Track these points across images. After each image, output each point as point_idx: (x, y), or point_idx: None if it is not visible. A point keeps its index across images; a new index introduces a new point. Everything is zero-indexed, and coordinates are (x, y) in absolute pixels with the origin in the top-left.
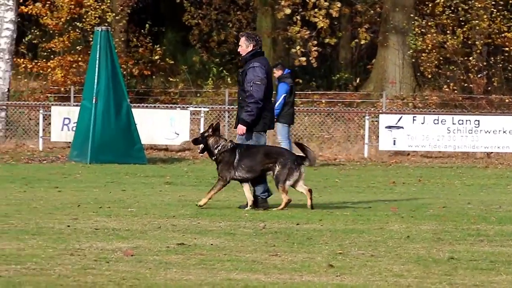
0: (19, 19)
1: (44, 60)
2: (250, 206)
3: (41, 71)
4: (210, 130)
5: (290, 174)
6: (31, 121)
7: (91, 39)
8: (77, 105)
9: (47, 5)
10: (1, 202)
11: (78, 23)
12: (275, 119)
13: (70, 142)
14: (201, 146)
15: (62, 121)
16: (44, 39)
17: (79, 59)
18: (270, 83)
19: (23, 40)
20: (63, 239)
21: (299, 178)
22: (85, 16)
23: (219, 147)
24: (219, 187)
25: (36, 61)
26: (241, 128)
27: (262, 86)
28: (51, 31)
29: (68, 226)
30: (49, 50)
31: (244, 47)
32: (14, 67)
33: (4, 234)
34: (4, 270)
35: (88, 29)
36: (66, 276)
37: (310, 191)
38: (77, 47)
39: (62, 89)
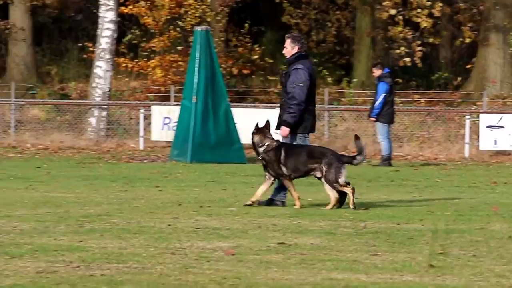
0: (119, 19)
1: (144, 59)
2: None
3: (141, 71)
4: (255, 128)
5: (338, 172)
6: (131, 121)
7: (191, 39)
8: (177, 105)
9: (147, 4)
10: (102, 201)
11: (178, 22)
12: (315, 123)
13: (170, 142)
14: None
15: (163, 121)
16: (144, 39)
17: (179, 58)
18: (313, 87)
19: (123, 39)
20: (164, 238)
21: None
22: (185, 16)
23: (264, 146)
24: (289, 186)
25: (136, 60)
26: (284, 130)
27: (305, 88)
28: (151, 31)
29: (169, 225)
30: (149, 50)
31: (289, 48)
32: (115, 66)
33: (106, 233)
34: (106, 269)
35: (188, 29)
36: (167, 275)
37: (353, 189)
38: (177, 47)
39: (162, 88)
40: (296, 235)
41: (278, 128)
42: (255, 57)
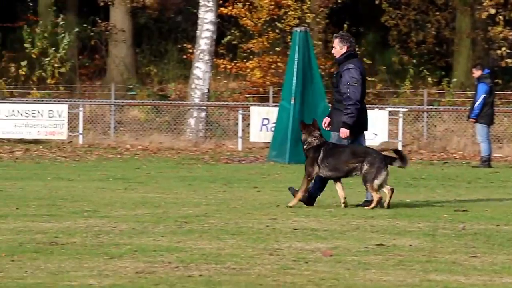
0: (218, 20)
1: (243, 60)
2: (343, 204)
3: (240, 72)
4: (301, 126)
5: (378, 173)
6: (230, 122)
7: (289, 40)
8: (275, 106)
9: (247, 6)
10: (201, 201)
11: (277, 24)
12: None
13: (268, 143)
14: None
15: (261, 122)
16: (243, 40)
17: (278, 59)
18: (364, 85)
19: (222, 41)
20: (262, 239)
21: (386, 178)
22: (284, 17)
23: (306, 144)
24: (305, 185)
25: (235, 61)
26: (344, 132)
27: (359, 87)
28: (250, 32)
29: (267, 226)
30: (248, 51)
31: (338, 48)
32: (214, 67)
33: (205, 233)
34: (205, 270)
35: (287, 30)
36: (265, 276)
37: (392, 190)
38: (276, 48)
39: (261, 89)
40: (395, 237)
41: (334, 129)
42: None
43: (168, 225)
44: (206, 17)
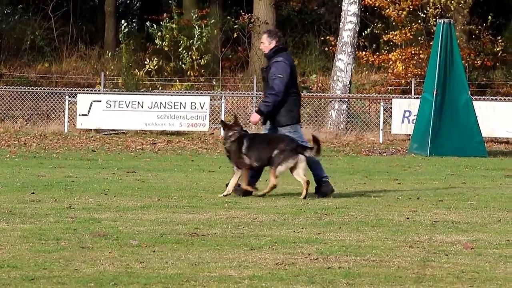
0: (361, 12)
1: (385, 52)
2: (224, 195)
3: (382, 64)
4: (222, 124)
5: (285, 160)
6: (371, 114)
7: (432, 31)
8: (417, 98)
9: None
10: (341, 193)
11: (419, 14)
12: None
13: (410, 135)
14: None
15: (403, 114)
16: (386, 32)
17: (420, 51)
18: (294, 78)
19: (364, 33)
20: (402, 231)
21: (295, 166)
22: (427, 8)
23: (226, 139)
24: (246, 176)
25: (377, 53)
26: (255, 116)
27: (284, 79)
28: (393, 23)
29: (407, 218)
30: (390, 43)
31: (267, 44)
32: (356, 59)
33: (344, 225)
34: (344, 261)
35: (430, 21)
36: (405, 268)
37: (307, 182)
38: (419, 39)
39: (403, 81)
40: None
41: (264, 122)
42: (498, 49)
43: (308, 216)
44: (350, 9)
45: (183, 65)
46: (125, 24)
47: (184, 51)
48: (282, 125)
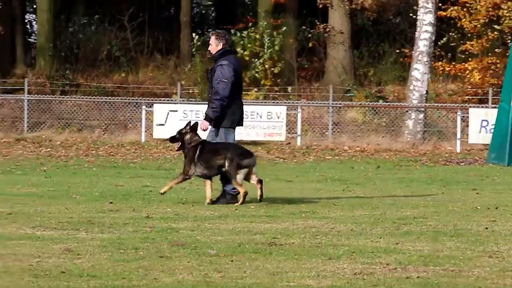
0: (437, 22)
1: (461, 62)
2: (208, 203)
3: (458, 73)
4: (188, 127)
5: (239, 168)
6: (448, 123)
7: (508, 41)
8: (494, 107)
9: (465, 8)
10: (419, 203)
11: (495, 26)
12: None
13: (487, 144)
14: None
15: (480, 123)
16: (462, 42)
17: (497, 61)
18: (239, 81)
19: (440, 42)
20: (481, 241)
21: (249, 171)
22: (502, 18)
23: (187, 144)
24: (180, 179)
25: (453, 63)
26: (204, 123)
27: (229, 83)
28: (468, 34)
29: (486, 228)
30: (466, 53)
31: (214, 46)
32: (432, 69)
33: (423, 235)
34: (423, 271)
35: (506, 31)
36: (484, 278)
37: (260, 181)
38: (495, 49)
39: (480, 91)
40: None
41: (214, 125)
42: None
43: (386, 226)
44: (425, 19)
45: (255, 74)
46: (197, 36)
47: (257, 60)
48: (222, 127)
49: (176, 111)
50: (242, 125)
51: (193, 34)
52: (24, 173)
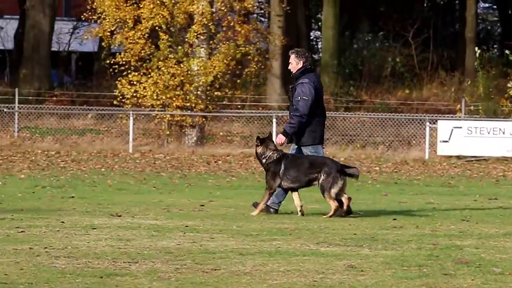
0: None
1: None
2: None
3: None
4: (258, 141)
5: (334, 182)
6: None
7: None
8: None
9: None
10: None
11: None
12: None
13: None
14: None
15: None
16: None
17: None
18: (320, 99)
19: None
20: None
21: (343, 187)
22: None
23: (266, 158)
24: (267, 196)
25: None
26: (281, 138)
27: (309, 101)
28: None
29: None
30: None
31: (295, 64)
32: None
33: None
34: None
35: None
36: None
37: (349, 198)
38: None
39: None
40: None
41: (297, 143)
42: None
43: None
44: None
45: None
46: (479, 51)
47: None
48: (304, 145)
49: (461, 127)
50: (322, 143)
51: (476, 48)
52: (308, 190)
